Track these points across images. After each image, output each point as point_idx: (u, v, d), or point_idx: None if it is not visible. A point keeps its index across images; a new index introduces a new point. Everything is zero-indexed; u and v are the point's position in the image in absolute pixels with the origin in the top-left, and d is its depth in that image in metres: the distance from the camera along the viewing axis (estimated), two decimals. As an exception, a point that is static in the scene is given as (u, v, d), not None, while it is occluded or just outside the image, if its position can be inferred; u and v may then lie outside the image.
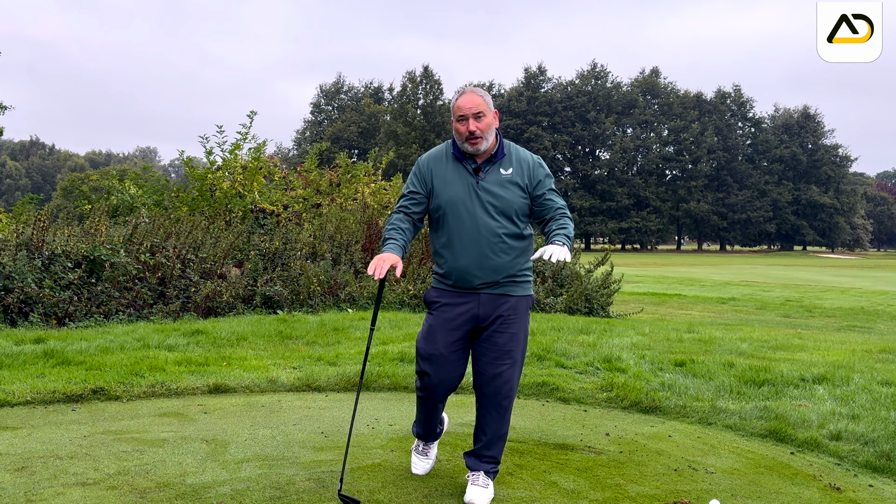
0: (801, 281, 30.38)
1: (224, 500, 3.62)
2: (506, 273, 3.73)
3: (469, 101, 3.69)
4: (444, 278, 3.81)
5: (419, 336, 3.84)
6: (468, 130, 3.66)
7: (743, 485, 4.07)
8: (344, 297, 11.38)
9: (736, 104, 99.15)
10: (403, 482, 3.94)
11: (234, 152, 14.71)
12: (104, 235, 10.36)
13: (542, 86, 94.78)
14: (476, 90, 3.74)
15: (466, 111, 3.67)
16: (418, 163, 3.89)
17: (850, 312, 16.41)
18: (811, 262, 62.52)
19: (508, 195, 3.72)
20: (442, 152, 3.87)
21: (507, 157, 3.80)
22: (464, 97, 3.71)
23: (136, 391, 5.83)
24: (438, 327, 3.76)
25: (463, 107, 3.68)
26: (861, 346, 8.64)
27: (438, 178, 3.78)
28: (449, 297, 3.79)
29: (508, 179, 3.74)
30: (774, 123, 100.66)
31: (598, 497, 3.82)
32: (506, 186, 3.73)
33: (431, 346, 3.76)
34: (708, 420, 5.41)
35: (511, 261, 3.74)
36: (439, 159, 3.83)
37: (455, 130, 3.74)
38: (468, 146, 3.70)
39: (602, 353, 7.47)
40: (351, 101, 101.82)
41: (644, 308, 14.70)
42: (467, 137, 3.68)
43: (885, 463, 4.41)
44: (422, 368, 3.81)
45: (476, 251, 3.69)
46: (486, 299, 3.74)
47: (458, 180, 3.74)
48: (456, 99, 3.75)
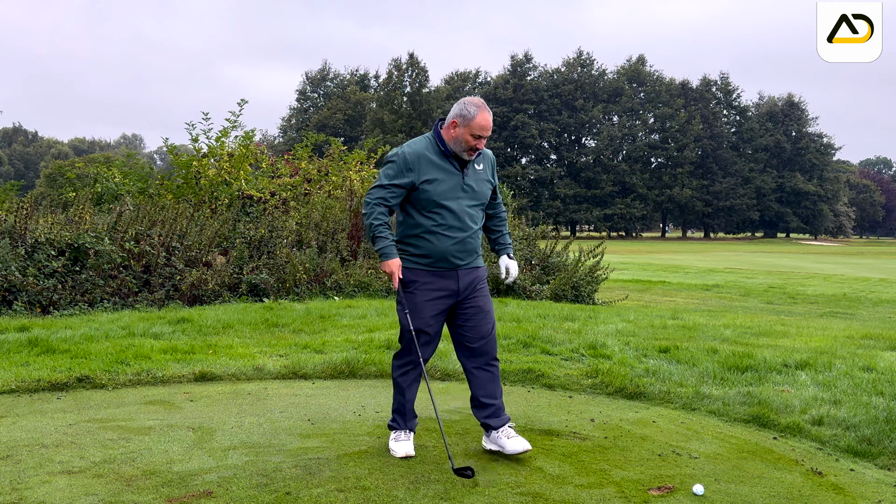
0: (784, 268, 30.62)
1: (211, 488, 3.63)
2: (477, 252, 4.26)
3: (489, 122, 4.01)
4: (421, 259, 4.13)
5: (404, 314, 4.13)
6: (476, 147, 4.03)
7: (726, 469, 4.12)
8: (330, 284, 11.37)
9: (722, 92, 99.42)
10: (390, 469, 3.97)
11: (220, 140, 14.61)
12: (88, 223, 10.29)
13: (529, 73, 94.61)
14: (489, 109, 4.03)
15: (485, 133, 4.00)
16: (404, 156, 4.05)
17: (833, 299, 16.57)
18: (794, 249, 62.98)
19: (483, 189, 4.22)
20: (427, 147, 4.09)
21: (480, 155, 4.21)
22: (484, 117, 3.99)
23: (121, 379, 5.82)
24: (423, 304, 4.12)
25: (485, 128, 3.99)
26: (843, 333, 8.73)
27: (428, 174, 4.04)
28: (427, 276, 4.13)
29: (482, 176, 4.21)
30: (759, 111, 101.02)
31: (582, 482, 3.85)
32: (481, 181, 4.20)
33: (420, 322, 4.12)
34: (692, 406, 5.46)
35: (479, 241, 4.27)
36: (425, 155, 4.06)
37: (464, 140, 4.01)
38: (466, 156, 4.06)
39: (587, 339, 7.51)
40: (337, 89, 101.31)
41: (629, 295, 14.78)
42: (471, 150, 4.04)
43: (867, 447, 4.47)
44: (409, 344, 4.17)
45: (459, 237, 4.11)
46: (462, 274, 4.19)
47: (447, 177, 4.06)
48: (475, 115, 3.98)
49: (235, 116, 14.80)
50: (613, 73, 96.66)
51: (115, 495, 3.52)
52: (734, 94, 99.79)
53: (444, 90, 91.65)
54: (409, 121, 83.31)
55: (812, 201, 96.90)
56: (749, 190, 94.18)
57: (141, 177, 14.95)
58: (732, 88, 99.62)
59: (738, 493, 3.75)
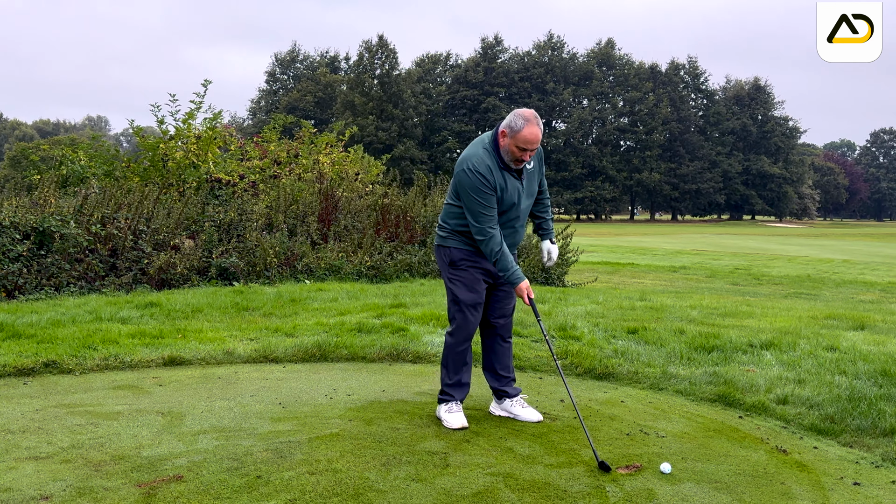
0: (749, 249, 31.06)
1: (181, 472, 3.62)
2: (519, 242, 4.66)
3: (536, 137, 4.18)
4: (470, 244, 4.48)
5: (462, 292, 4.49)
6: (522, 158, 4.26)
7: (693, 448, 4.19)
8: (301, 268, 11.32)
9: (690, 75, 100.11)
10: (362, 451, 3.98)
11: (187, 122, 14.40)
12: (54, 206, 10.13)
13: (499, 56, 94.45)
14: (538, 122, 4.21)
15: (532, 147, 4.20)
16: (484, 177, 4.25)
17: (797, 280, 16.86)
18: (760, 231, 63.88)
19: (534, 186, 4.56)
20: (490, 161, 4.30)
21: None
22: (531, 130, 4.16)
23: (89, 364, 5.75)
24: (476, 279, 4.51)
25: (531, 142, 4.18)
26: (807, 313, 8.88)
27: (500, 186, 4.33)
28: (474, 256, 4.49)
29: (531, 172, 4.50)
30: (726, 95, 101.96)
31: (552, 462, 3.90)
32: (532, 179, 4.52)
33: (477, 295, 4.52)
34: (659, 385, 5.54)
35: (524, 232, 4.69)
36: (493, 170, 4.30)
37: (510, 150, 4.23)
38: (514, 165, 4.31)
39: (557, 321, 7.57)
40: (307, 71, 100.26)
41: (598, 277, 14.90)
42: (517, 161, 4.27)
43: (830, 425, 4.57)
44: (467, 317, 4.51)
45: (513, 236, 4.54)
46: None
47: (511, 187, 4.36)
48: (522, 128, 4.16)
49: (200, 97, 14.59)
50: (584, 57, 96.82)
51: (83, 481, 3.50)
52: (702, 77, 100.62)
53: (414, 73, 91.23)
54: (380, 103, 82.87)
55: (777, 184, 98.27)
56: (716, 173, 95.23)
57: (107, 159, 14.68)
58: (700, 72, 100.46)
59: (705, 471, 3.83)
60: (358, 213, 13.18)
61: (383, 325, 7.29)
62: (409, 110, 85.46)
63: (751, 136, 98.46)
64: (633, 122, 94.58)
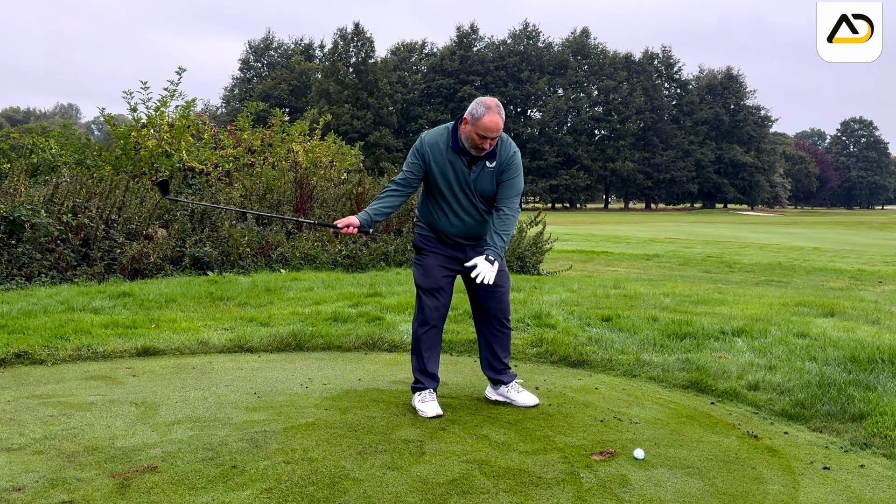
0: (721, 238, 31.39)
1: (155, 463, 3.60)
2: (482, 235, 4.54)
3: (496, 124, 4.18)
4: (430, 231, 4.55)
5: (418, 276, 4.55)
6: (482, 146, 4.25)
7: (665, 434, 4.25)
8: (276, 257, 11.27)
9: (664, 65, 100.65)
10: (338, 440, 3.99)
11: (159, 109, 14.23)
12: (24, 195, 9.98)
13: (475, 45, 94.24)
14: (500, 111, 4.21)
15: (491, 134, 4.20)
16: (424, 144, 4.40)
17: (768, 268, 17.07)
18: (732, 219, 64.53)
19: (488, 186, 4.43)
20: (442, 139, 4.38)
21: (496, 154, 4.39)
22: (491, 118, 4.16)
23: (61, 355, 5.69)
24: (434, 265, 4.52)
25: (491, 129, 4.18)
26: (778, 300, 8.99)
27: (436, 163, 4.38)
28: (436, 244, 4.54)
29: (489, 171, 4.40)
30: (699, 84, 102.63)
31: (527, 449, 3.93)
32: (486, 177, 4.41)
33: (432, 280, 4.52)
34: (633, 372, 5.60)
35: (486, 226, 4.52)
36: (438, 146, 4.36)
37: (470, 137, 4.23)
38: (474, 152, 4.30)
39: (532, 309, 7.61)
40: (281, 59, 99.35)
41: (573, 265, 14.99)
42: (478, 149, 4.27)
43: (800, 411, 4.64)
44: (423, 301, 4.53)
45: (460, 224, 4.46)
46: (469, 249, 4.55)
47: (450, 170, 4.36)
48: (482, 116, 4.16)
49: (174, 85, 14.42)
50: (559, 46, 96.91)
51: (56, 472, 3.47)
52: (675, 66, 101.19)
53: (390, 61, 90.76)
54: (355, 91, 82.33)
55: (749, 172, 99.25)
56: (689, 162, 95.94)
57: (78, 148, 14.48)
58: (674, 61, 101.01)
59: (677, 457, 3.88)
60: (332, 201, 13.14)
61: (359, 314, 7.28)
62: (384, 99, 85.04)
63: (723, 125, 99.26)
64: (608, 112, 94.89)
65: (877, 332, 6.91)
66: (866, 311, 8.29)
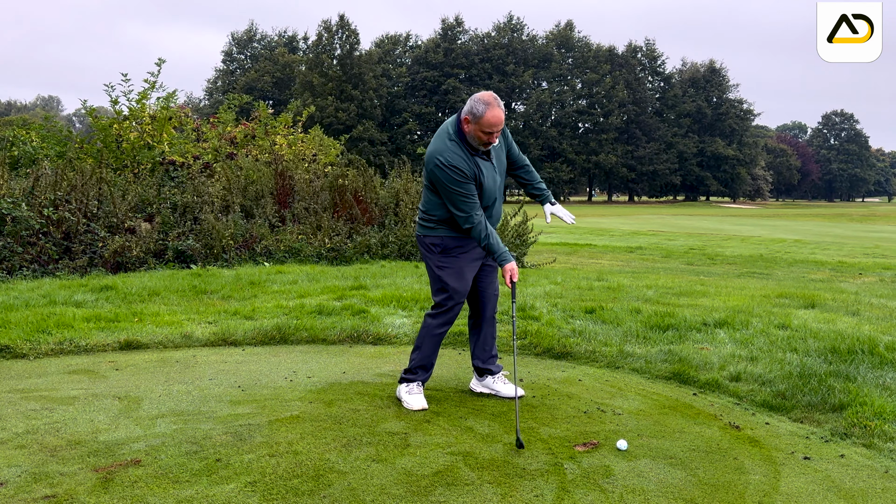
0: (704, 230, 31.57)
1: (139, 457, 3.59)
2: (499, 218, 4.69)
3: (499, 119, 4.22)
4: (452, 231, 4.47)
5: (452, 280, 4.48)
6: (489, 141, 4.29)
7: (648, 425, 4.28)
8: (260, 250, 11.22)
9: (647, 58, 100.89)
10: (322, 433, 3.99)
11: (141, 101, 14.11)
12: (4, 188, 9.88)
13: (459, 37, 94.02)
14: (499, 103, 4.24)
15: (496, 129, 4.24)
16: (459, 168, 4.26)
17: (750, 259, 17.19)
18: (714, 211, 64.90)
19: (502, 160, 4.57)
20: (460, 152, 4.31)
21: None
22: (493, 113, 4.19)
23: (43, 349, 5.66)
24: (466, 267, 4.53)
25: (495, 124, 4.22)
26: (759, 292, 9.06)
27: (475, 173, 4.35)
28: (464, 242, 4.49)
29: (497, 148, 4.50)
30: (682, 77, 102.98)
31: (511, 440, 3.95)
32: (499, 154, 4.53)
33: (466, 283, 4.54)
34: (616, 364, 5.63)
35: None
36: (464, 159, 4.31)
37: (476, 136, 4.26)
38: (482, 147, 4.33)
39: (517, 302, 7.62)
40: (264, 50, 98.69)
41: (557, 258, 15.03)
42: (485, 144, 4.31)
43: (781, 402, 4.69)
44: (454, 304, 4.53)
45: (492, 208, 4.53)
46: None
47: (486, 170, 4.39)
48: (484, 112, 4.18)
49: (154, 77, 14.29)
50: (543, 39, 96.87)
51: (39, 466, 3.45)
52: (659, 60, 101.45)
53: (375, 53, 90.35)
54: (339, 84, 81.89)
55: (731, 165, 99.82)
56: (671, 155, 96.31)
57: (59, 140, 14.33)
58: (658, 55, 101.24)
59: (660, 448, 3.91)
60: (315, 194, 13.08)
61: (343, 307, 7.27)
62: (368, 91, 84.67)
63: (706, 118, 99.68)
64: (591, 105, 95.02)
65: (857, 323, 6.99)
66: (847, 302, 8.37)
